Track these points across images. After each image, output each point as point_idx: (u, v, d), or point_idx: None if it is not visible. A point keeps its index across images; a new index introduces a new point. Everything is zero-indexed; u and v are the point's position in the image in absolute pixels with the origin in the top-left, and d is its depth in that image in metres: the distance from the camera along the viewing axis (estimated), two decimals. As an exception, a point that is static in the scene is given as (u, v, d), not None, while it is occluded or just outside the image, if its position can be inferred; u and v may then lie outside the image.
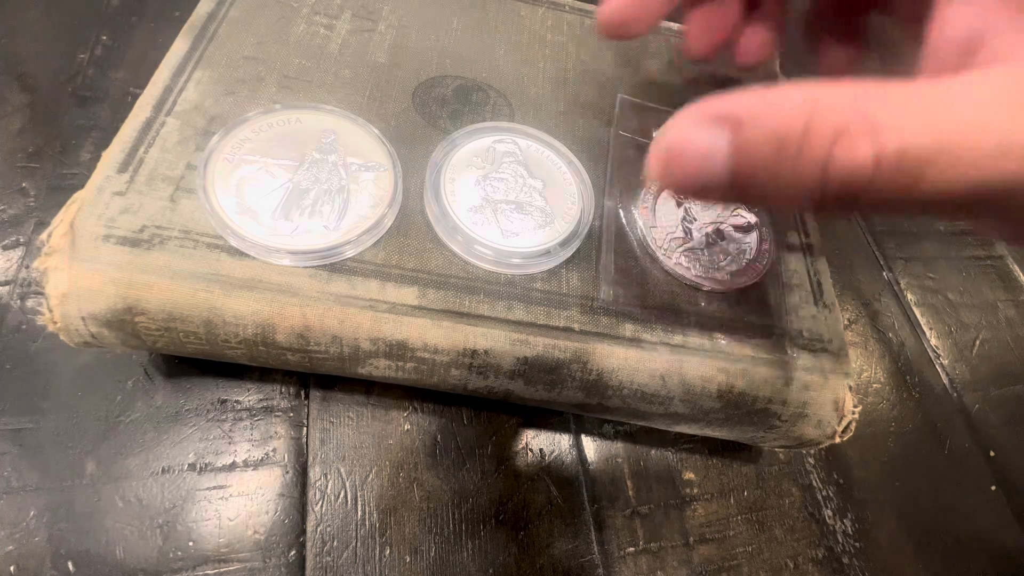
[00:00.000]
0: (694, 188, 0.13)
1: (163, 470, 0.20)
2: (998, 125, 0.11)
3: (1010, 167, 0.11)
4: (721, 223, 0.22)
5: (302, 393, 0.22)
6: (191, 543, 0.19)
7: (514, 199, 0.20)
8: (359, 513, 0.20)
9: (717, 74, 0.27)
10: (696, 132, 0.13)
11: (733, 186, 0.13)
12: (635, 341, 0.19)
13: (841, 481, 0.24)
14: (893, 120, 0.11)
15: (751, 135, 0.13)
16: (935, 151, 0.11)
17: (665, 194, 0.22)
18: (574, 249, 0.20)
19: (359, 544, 0.20)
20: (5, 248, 0.23)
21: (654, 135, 0.20)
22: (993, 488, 0.25)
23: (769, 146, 0.12)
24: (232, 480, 0.20)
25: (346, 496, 0.21)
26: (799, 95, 0.12)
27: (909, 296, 0.31)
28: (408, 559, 0.20)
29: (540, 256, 0.20)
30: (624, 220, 0.21)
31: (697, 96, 0.13)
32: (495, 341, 0.18)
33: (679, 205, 0.22)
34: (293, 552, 0.20)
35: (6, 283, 0.22)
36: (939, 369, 0.28)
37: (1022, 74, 0.12)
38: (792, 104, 0.12)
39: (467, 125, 0.22)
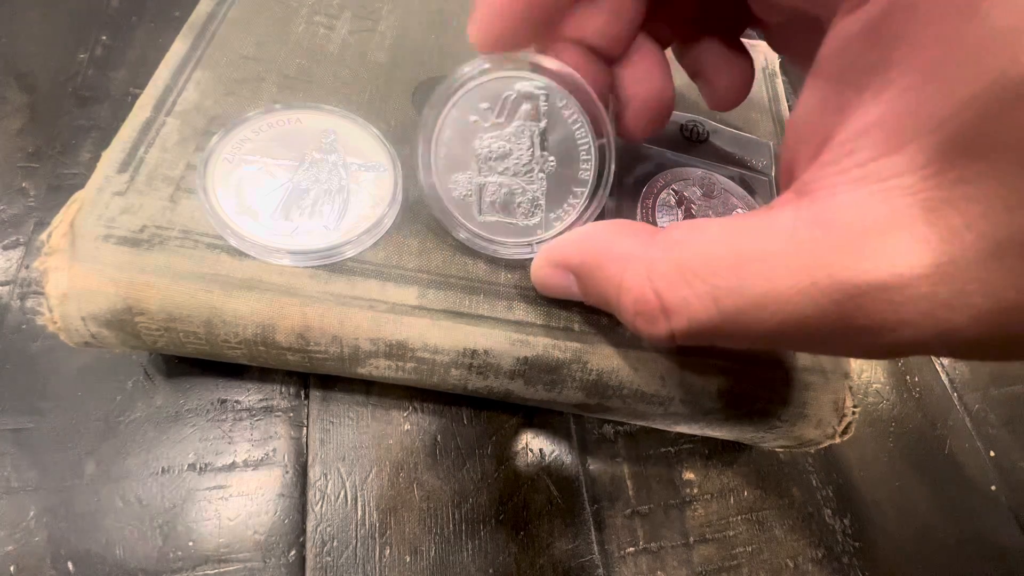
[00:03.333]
0: (566, 299, 0.18)
1: (163, 470, 0.20)
2: (783, 280, 0.11)
3: (800, 311, 0.11)
4: None
5: (302, 393, 0.22)
6: (191, 543, 0.19)
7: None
8: (359, 513, 0.20)
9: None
10: (552, 274, 0.17)
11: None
12: (635, 341, 0.19)
13: (840, 481, 0.24)
14: (679, 299, 0.13)
15: (586, 286, 0.16)
16: (719, 322, 0.12)
17: (664, 195, 0.22)
18: None
19: (359, 544, 0.20)
20: (5, 248, 0.23)
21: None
22: (993, 488, 0.25)
23: (600, 299, 0.15)
24: (232, 480, 0.20)
25: (346, 496, 0.21)
26: (614, 263, 0.15)
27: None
28: (408, 559, 0.20)
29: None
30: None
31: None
32: (495, 341, 0.18)
33: (679, 204, 0.22)
34: (293, 552, 0.20)
35: (6, 283, 0.22)
36: (939, 369, 0.28)
37: (806, 215, 0.11)
38: (609, 270, 0.15)
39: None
